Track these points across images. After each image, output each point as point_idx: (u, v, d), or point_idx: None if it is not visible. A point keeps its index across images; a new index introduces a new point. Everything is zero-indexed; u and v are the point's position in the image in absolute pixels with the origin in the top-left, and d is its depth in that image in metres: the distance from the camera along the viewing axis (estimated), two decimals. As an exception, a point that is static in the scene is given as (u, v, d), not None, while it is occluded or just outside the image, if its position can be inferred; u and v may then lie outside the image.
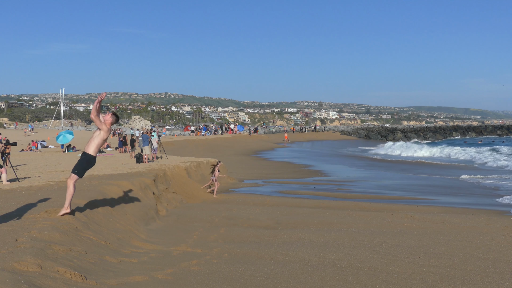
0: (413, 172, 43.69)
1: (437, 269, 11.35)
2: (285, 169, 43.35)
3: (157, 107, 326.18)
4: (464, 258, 12.45)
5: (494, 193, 28.55)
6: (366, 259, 12.06)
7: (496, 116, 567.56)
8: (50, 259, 9.16)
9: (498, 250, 13.46)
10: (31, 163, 33.20)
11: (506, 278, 10.75)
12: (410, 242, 14.44)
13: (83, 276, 8.83)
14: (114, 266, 10.41)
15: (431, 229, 16.86)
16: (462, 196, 27.53)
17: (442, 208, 22.52)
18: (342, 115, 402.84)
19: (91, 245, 11.38)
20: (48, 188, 18.03)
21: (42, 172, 25.77)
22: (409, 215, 19.65)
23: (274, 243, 13.97)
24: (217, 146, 72.60)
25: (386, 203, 24.02)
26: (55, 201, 14.58)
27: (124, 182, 19.71)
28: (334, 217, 19.14)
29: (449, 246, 13.88)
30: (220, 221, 18.26)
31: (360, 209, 21.89)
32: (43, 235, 10.64)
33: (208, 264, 11.21)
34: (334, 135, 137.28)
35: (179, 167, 29.41)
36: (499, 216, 20.27)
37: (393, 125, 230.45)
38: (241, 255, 12.37)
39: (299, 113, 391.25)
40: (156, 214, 18.22)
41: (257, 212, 20.56)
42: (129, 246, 12.68)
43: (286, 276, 10.34)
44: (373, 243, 14.13)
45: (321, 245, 13.69)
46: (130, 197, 17.84)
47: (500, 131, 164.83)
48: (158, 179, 23.71)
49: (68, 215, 12.56)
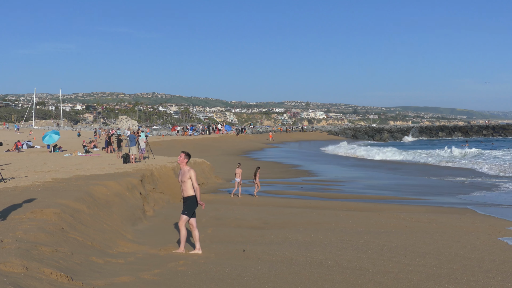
0: (400, 171, 43.81)
1: (423, 268, 11.39)
2: (273, 169, 43.32)
3: (144, 107, 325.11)
4: (450, 257, 12.50)
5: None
6: (353, 259, 12.08)
7: (482, 116, 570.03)
8: (35, 260, 9.09)
9: (483, 249, 13.53)
10: (17, 163, 32.97)
11: (491, 276, 10.80)
12: (397, 241, 14.48)
13: (69, 277, 8.78)
14: (101, 266, 10.36)
15: (418, 229, 16.92)
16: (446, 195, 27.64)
17: (428, 208, 22.59)
18: (329, 115, 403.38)
19: (77, 246, 11.33)
20: (34, 188, 17.91)
21: (28, 172, 25.60)
22: (396, 215, 19.71)
23: (262, 243, 13.97)
24: (205, 146, 72.50)
25: (373, 203, 24.07)
26: (40, 201, 14.48)
27: (111, 182, 19.62)
28: (321, 217, 19.16)
29: (435, 245, 13.94)
30: (207, 221, 18.22)
31: (347, 209, 21.92)
32: (29, 236, 10.57)
33: (195, 264, 11.18)
34: (322, 135, 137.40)
35: (166, 167, 29.31)
36: (485, 216, 20.36)
37: (380, 125, 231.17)
38: (229, 255, 12.36)
39: (286, 113, 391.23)
40: (143, 215, 18.17)
41: (245, 212, 20.54)
42: (115, 247, 12.63)
43: (273, 276, 10.33)
44: (360, 243, 14.16)
45: (308, 245, 13.71)
46: (117, 197, 17.76)
47: (485, 131, 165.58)
48: (145, 179, 23.62)
49: (54, 216, 12.49)
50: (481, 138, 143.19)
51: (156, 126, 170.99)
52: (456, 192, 28.93)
